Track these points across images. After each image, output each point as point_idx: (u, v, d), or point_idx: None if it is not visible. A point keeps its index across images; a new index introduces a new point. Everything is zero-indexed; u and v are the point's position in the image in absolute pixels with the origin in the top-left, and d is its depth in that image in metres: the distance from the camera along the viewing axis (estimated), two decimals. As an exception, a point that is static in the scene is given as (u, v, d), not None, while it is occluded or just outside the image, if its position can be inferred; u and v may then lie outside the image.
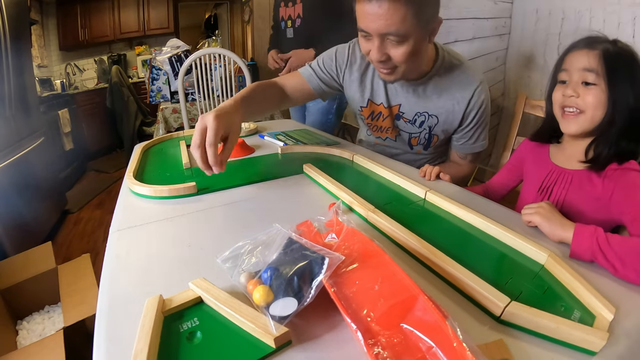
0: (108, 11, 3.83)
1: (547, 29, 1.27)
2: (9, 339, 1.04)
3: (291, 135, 1.14)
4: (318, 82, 0.98)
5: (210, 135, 0.61)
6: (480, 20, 1.47)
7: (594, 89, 0.63)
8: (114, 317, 0.40)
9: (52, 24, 3.53)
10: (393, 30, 0.69)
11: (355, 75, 0.95)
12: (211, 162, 0.63)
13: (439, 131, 0.93)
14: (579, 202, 0.66)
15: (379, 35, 0.71)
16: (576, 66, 0.65)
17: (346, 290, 0.38)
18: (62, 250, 1.88)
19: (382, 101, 0.94)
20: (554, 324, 0.35)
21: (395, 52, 0.73)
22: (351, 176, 0.80)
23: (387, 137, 1.02)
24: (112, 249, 0.53)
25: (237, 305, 0.38)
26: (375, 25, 0.70)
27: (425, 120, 0.92)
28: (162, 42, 3.01)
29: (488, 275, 0.43)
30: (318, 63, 0.99)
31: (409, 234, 0.51)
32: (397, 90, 0.92)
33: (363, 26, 0.73)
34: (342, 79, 0.98)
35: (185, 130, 1.22)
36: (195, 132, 0.62)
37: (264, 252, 0.43)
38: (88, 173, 3.18)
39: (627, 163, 0.61)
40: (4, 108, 1.66)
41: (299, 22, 1.49)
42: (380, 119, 0.97)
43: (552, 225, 0.54)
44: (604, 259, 0.47)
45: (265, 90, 0.89)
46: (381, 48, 0.73)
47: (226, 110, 0.67)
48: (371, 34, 0.72)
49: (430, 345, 0.31)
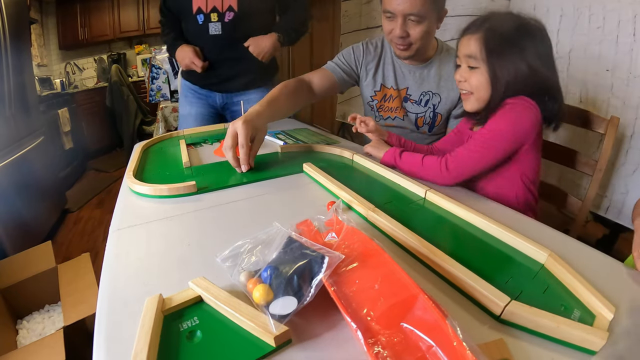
0: (108, 10, 3.82)
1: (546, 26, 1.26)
2: (9, 338, 1.04)
3: (291, 134, 1.14)
4: (341, 73, 1.11)
5: (241, 138, 0.74)
6: (477, 18, 1.47)
7: (476, 72, 0.73)
8: (114, 316, 0.40)
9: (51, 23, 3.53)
10: (415, 11, 0.87)
11: (371, 66, 1.11)
12: (242, 161, 0.77)
13: (442, 110, 1.08)
14: None
15: (403, 15, 0.89)
16: (462, 53, 0.75)
17: (346, 290, 0.38)
18: (62, 249, 1.88)
19: (392, 84, 1.10)
20: (554, 324, 0.35)
21: (414, 30, 0.91)
22: (351, 175, 0.80)
23: (396, 117, 1.13)
24: (112, 248, 0.53)
25: (237, 304, 0.38)
26: (400, 7, 0.88)
27: (430, 98, 1.07)
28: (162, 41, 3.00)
29: (488, 274, 0.43)
30: (339, 58, 1.13)
31: (409, 233, 0.51)
32: (404, 75, 1.08)
33: (390, 8, 0.90)
34: (360, 69, 1.14)
35: (185, 129, 1.22)
36: (227, 136, 0.75)
37: (264, 251, 0.43)
38: (88, 172, 3.18)
39: None
40: (4, 107, 1.66)
41: (230, 16, 1.21)
42: (390, 100, 1.12)
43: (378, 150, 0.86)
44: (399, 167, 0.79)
45: (292, 89, 0.98)
46: (403, 26, 0.91)
47: (253, 115, 0.79)
48: (396, 14, 0.89)
49: (430, 344, 0.31)
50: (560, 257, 0.46)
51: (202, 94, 1.40)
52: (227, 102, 1.41)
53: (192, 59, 1.23)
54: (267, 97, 0.89)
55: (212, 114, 1.45)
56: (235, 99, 1.39)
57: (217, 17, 1.20)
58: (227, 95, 1.40)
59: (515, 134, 0.71)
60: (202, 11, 1.19)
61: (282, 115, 0.95)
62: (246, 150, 0.76)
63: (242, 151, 0.75)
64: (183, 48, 1.26)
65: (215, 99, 1.40)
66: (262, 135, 0.82)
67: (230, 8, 1.19)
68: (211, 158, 0.93)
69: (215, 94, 1.39)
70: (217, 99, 1.40)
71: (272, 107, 0.87)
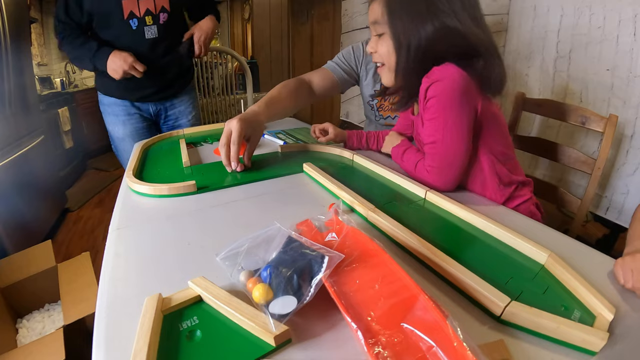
0: (108, 9, 3.80)
1: (546, 26, 1.26)
2: (9, 337, 1.04)
3: (291, 134, 1.14)
4: (341, 73, 1.10)
5: (234, 135, 0.73)
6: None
7: (383, 39, 0.67)
8: (114, 315, 0.40)
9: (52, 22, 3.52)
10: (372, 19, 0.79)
11: (371, 65, 1.11)
12: (232, 158, 0.75)
13: None
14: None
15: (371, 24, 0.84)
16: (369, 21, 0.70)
17: (346, 290, 0.38)
18: (62, 248, 1.88)
19: None
20: (554, 324, 0.35)
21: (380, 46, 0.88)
22: (351, 175, 0.80)
23: (396, 116, 1.14)
24: (112, 248, 0.53)
25: (236, 303, 0.38)
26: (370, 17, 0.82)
27: None
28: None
29: (488, 274, 0.43)
30: (339, 57, 1.12)
31: (409, 233, 0.51)
32: None
33: None
34: (359, 69, 1.13)
35: (185, 128, 1.22)
36: (222, 134, 0.75)
37: (264, 251, 0.43)
38: (88, 171, 3.18)
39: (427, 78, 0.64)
40: (4, 106, 1.66)
41: (165, 17, 1.17)
42: (390, 99, 1.10)
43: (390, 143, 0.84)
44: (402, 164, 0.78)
45: (292, 89, 0.96)
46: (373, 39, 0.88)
47: (249, 115, 0.78)
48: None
49: (430, 344, 0.31)
50: (560, 258, 0.46)
51: (135, 108, 1.31)
52: (160, 109, 1.34)
53: (132, 63, 1.12)
54: (266, 97, 0.88)
55: (148, 127, 1.37)
56: (168, 104, 1.35)
57: (152, 19, 1.16)
58: (159, 102, 1.33)
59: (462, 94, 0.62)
60: (135, 15, 1.13)
61: (281, 116, 0.94)
62: (237, 148, 0.74)
63: (232, 148, 0.74)
64: (116, 54, 1.12)
65: (149, 109, 1.33)
66: (258, 134, 0.81)
67: (163, 9, 1.16)
68: (211, 157, 0.93)
69: (148, 105, 1.31)
70: (151, 108, 1.33)
71: (270, 107, 0.85)
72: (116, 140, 1.35)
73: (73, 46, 1.15)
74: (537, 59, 1.31)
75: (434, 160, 0.69)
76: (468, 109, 0.64)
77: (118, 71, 1.13)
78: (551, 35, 1.25)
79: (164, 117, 1.38)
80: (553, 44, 1.25)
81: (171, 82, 1.32)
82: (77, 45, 1.14)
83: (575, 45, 1.18)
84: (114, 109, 1.29)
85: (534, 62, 1.32)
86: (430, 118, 0.66)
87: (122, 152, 1.36)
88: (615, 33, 1.09)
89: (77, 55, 1.17)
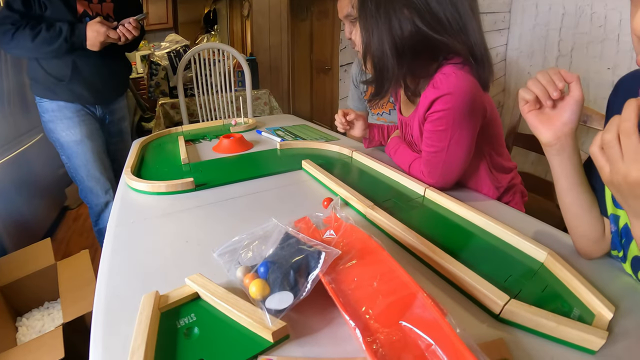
0: (107, 6, 3.79)
1: (547, 24, 1.26)
2: (9, 335, 1.04)
3: (290, 131, 1.14)
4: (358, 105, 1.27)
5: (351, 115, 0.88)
6: (479, 14, 1.46)
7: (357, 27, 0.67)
8: (111, 313, 0.40)
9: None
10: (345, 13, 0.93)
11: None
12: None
13: None
14: None
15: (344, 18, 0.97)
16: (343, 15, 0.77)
17: (344, 287, 0.38)
18: (62, 246, 1.88)
19: None
20: (554, 323, 0.35)
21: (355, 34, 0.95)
22: (350, 172, 0.80)
23: (383, 112, 1.19)
24: (110, 245, 0.53)
25: (234, 300, 0.38)
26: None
27: None
28: (161, 37, 2.99)
29: (487, 273, 0.43)
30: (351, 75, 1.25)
31: (407, 231, 0.50)
32: None
33: None
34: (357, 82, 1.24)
35: (184, 125, 1.22)
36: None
37: (261, 247, 0.43)
38: (87, 169, 3.16)
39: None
40: (3, 105, 1.66)
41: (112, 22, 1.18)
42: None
43: None
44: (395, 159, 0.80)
45: None
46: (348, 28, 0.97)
47: None
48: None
49: (429, 342, 0.31)
50: (559, 256, 0.46)
51: (86, 110, 1.27)
52: (105, 112, 1.33)
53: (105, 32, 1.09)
54: None
55: (100, 129, 1.32)
56: (111, 107, 1.35)
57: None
58: (105, 106, 1.33)
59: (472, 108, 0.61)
60: (88, 14, 1.13)
61: None
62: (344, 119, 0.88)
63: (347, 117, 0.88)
64: (91, 24, 1.09)
65: (96, 111, 1.30)
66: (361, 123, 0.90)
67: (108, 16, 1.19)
68: (209, 155, 0.93)
69: (95, 107, 1.29)
70: (97, 111, 1.30)
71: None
72: (72, 146, 1.26)
73: (34, 33, 1.06)
74: (539, 57, 1.31)
75: (434, 167, 0.68)
76: (476, 120, 0.64)
77: (96, 39, 1.10)
78: (553, 33, 1.25)
79: (112, 118, 1.36)
80: (555, 42, 1.25)
81: (117, 83, 1.34)
82: (40, 30, 1.07)
83: (577, 44, 1.18)
84: (65, 113, 1.23)
85: (536, 60, 1.32)
86: (436, 130, 0.64)
87: (80, 155, 1.27)
88: (617, 32, 1.08)
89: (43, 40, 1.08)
